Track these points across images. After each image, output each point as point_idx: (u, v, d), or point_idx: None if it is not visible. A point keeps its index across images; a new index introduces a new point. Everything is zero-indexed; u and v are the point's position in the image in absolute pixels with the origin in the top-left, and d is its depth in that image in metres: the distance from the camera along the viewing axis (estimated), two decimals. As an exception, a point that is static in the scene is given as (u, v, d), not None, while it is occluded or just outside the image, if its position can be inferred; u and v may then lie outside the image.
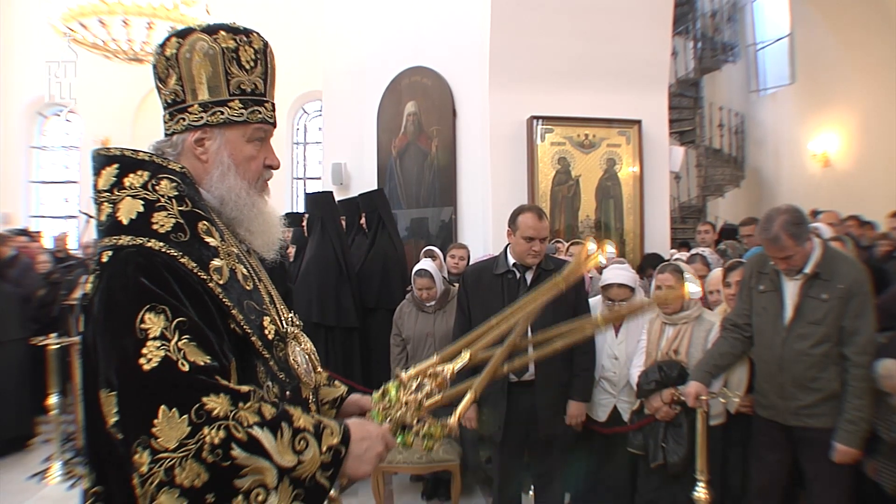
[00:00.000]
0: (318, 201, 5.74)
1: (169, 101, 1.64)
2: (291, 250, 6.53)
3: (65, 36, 9.94)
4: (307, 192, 5.98)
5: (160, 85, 1.64)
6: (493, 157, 6.25)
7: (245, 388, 1.40)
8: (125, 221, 1.48)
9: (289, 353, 1.64)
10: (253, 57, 1.63)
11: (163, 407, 1.29)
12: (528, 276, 3.90)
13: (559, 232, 6.21)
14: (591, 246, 1.69)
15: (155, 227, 1.47)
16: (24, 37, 12.95)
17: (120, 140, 12.94)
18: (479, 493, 5.18)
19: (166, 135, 1.65)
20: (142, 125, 13.11)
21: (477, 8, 6.33)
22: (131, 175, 1.54)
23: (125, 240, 1.45)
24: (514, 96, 6.17)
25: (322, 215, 5.56)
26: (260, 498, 1.32)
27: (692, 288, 3.97)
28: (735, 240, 6.57)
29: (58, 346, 5.85)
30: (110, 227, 1.49)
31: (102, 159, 1.58)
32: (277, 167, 1.74)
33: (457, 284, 4.62)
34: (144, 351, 1.33)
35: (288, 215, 7.57)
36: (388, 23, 7.90)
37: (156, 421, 1.28)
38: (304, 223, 6.28)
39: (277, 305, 1.72)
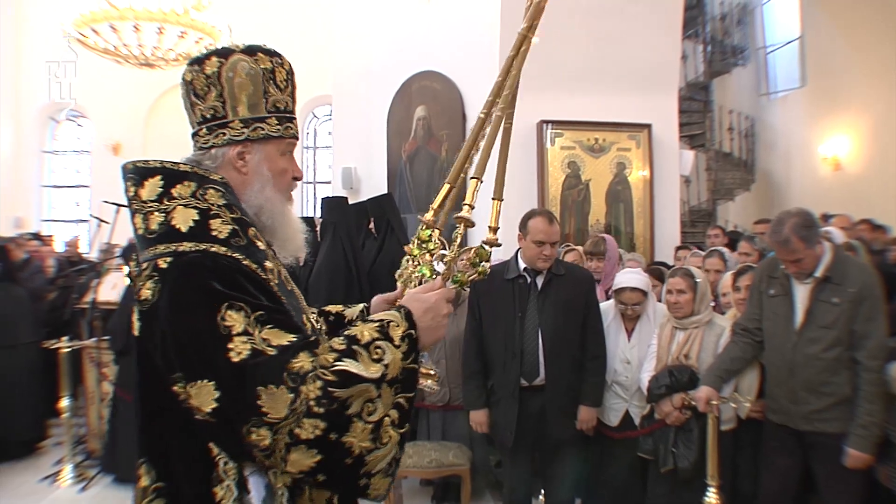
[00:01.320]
0: (332, 206, 5.75)
1: (207, 115, 1.72)
2: (302, 255, 6.53)
3: (73, 39, 10.02)
4: (323, 196, 6.00)
5: (196, 101, 1.72)
6: (503, 162, 6.23)
7: (311, 336, 1.54)
8: (184, 229, 1.57)
9: None
10: (285, 77, 1.77)
11: (261, 388, 1.40)
12: (539, 281, 3.90)
13: (569, 236, 6.20)
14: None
15: (214, 233, 1.57)
16: (35, 42, 13.03)
17: (131, 144, 13.05)
18: (488, 497, 5.18)
19: (202, 147, 1.72)
20: (152, 129, 13.17)
21: (486, 12, 6.34)
22: (178, 186, 1.63)
23: (187, 246, 1.54)
24: (524, 100, 6.03)
25: (335, 221, 5.57)
26: (370, 409, 1.44)
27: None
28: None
29: (69, 349, 5.88)
30: (166, 234, 1.57)
31: (143, 171, 1.66)
32: (301, 178, 1.88)
33: (468, 288, 4.62)
34: (231, 346, 1.43)
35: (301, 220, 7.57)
36: (398, 27, 7.91)
37: (260, 402, 1.40)
38: (318, 228, 6.30)
39: (305, 306, 1.87)
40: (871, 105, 9.97)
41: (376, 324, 1.52)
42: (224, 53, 1.72)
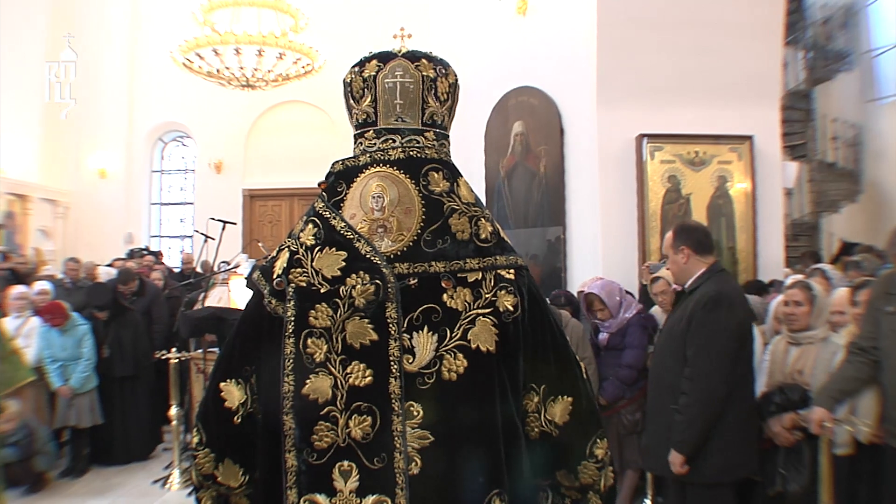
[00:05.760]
0: None
1: (438, 121, 1.71)
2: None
3: (179, 63, 10.47)
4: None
5: (433, 101, 1.70)
6: (602, 176, 6.16)
7: None
8: (508, 241, 1.67)
9: None
10: None
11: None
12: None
13: (672, 254, 6.08)
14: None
15: None
16: (147, 66, 13.67)
17: (233, 163, 13.54)
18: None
19: (434, 158, 1.68)
20: (252, 148, 13.66)
21: (583, 26, 6.31)
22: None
23: (521, 261, 1.66)
24: (622, 114, 6.09)
25: None
26: None
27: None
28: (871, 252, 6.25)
29: (178, 360, 6.13)
30: (498, 245, 1.64)
31: (452, 167, 1.69)
32: None
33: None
34: (577, 353, 1.69)
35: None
36: (494, 43, 7.94)
37: None
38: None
39: None
40: None
41: None
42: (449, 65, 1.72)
